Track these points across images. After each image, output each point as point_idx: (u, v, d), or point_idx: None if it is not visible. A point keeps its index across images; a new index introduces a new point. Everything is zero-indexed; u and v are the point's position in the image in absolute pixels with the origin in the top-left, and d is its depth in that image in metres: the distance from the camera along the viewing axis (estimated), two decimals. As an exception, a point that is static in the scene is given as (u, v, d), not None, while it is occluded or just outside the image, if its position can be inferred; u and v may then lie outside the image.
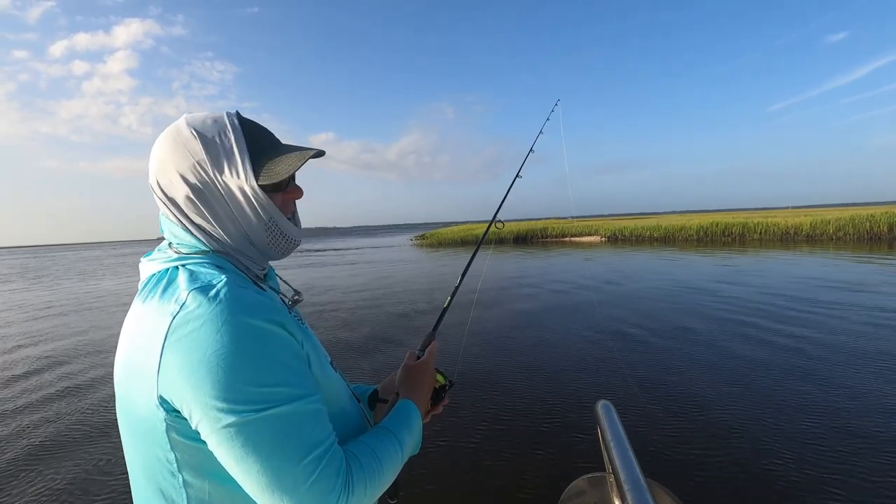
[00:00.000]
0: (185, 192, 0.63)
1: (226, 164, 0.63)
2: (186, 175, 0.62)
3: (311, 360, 0.63)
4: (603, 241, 24.91)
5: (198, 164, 0.62)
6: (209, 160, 0.62)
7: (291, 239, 0.71)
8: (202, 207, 0.64)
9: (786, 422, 3.05)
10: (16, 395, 4.31)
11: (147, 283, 0.61)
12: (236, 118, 0.66)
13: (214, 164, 0.63)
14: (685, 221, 25.68)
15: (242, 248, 0.67)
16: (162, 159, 0.63)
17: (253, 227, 0.66)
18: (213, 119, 0.65)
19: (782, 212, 38.48)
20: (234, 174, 0.63)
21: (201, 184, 0.63)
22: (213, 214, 0.64)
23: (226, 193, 0.64)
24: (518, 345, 5.27)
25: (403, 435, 0.71)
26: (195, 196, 0.63)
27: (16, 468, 2.92)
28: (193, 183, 0.63)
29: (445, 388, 0.93)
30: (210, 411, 0.52)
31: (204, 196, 0.63)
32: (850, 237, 19.38)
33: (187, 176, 0.62)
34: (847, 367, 4.00)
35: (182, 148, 0.62)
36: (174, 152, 0.62)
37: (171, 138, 0.63)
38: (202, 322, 0.53)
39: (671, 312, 6.45)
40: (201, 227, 0.65)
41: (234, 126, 0.65)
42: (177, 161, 0.62)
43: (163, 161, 0.63)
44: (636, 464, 0.75)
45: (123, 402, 0.61)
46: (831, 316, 5.83)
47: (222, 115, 0.66)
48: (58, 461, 2.98)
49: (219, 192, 0.64)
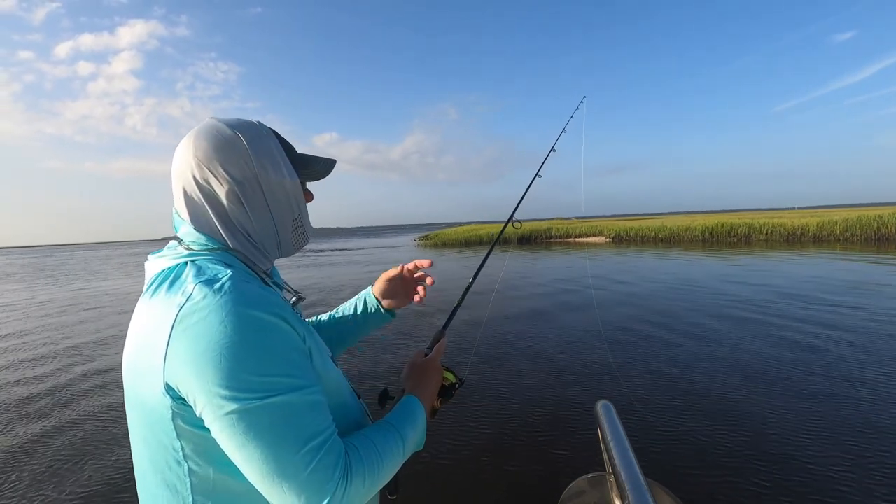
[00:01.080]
0: (230, 187, 0.67)
1: (270, 163, 0.70)
2: (232, 170, 0.67)
3: (312, 354, 0.65)
4: (608, 241, 24.82)
5: (245, 161, 0.68)
6: (255, 157, 0.68)
7: (307, 235, 0.78)
8: (243, 201, 0.68)
9: (789, 421, 3.03)
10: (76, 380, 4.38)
11: (155, 280, 0.63)
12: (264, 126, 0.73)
13: (260, 161, 0.69)
14: (690, 222, 25.54)
15: (265, 242, 0.72)
16: (200, 156, 0.66)
17: (284, 221, 0.73)
18: (248, 123, 0.71)
19: (788, 212, 38.18)
20: (278, 171, 0.71)
21: (247, 179, 0.68)
22: (251, 208, 0.69)
23: (267, 188, 0.70)
24: (518, 344, 5.26)
25: (406, 430, 0.72)
26: (239, 190, 0.67)
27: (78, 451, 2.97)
28: (239, 178, 0.67)
29: (455, 387, 0.93)
30: (213, 398, 0.53)
31: (246, 190, 0.68)
32: (857, 238, 19.19)
33: (233, 171, 0.67)
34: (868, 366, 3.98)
35: (228, 145, 0.67)
36: (219, 149, 0.67)
37: (209, 137, 0.67)
38: (207, 312, 0.55)
39: (682, 312, 6.42)
40: (232, 220, 0.69)
41: (268, 130, 0.72)
42: (222, 157, 0.67)
43: (202, 158, 0.66)
44: (636, 464, 0.76)
45: (132, 394, 0.62)
46: (854, 316, 5.77)
47: (253, 121, 0.72)
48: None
49: (261, 187, 0.69)
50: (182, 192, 0.68)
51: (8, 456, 3.11)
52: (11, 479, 2.80)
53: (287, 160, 0.73)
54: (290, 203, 0.73)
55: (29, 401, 4.18)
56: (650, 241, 23.44)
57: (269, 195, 0.70)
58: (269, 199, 0.70)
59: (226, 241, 0.68)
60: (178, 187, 0.68)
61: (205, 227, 0.68)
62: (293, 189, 0.73)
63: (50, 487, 2.69)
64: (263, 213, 0.70)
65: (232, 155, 0.67)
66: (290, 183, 0.72)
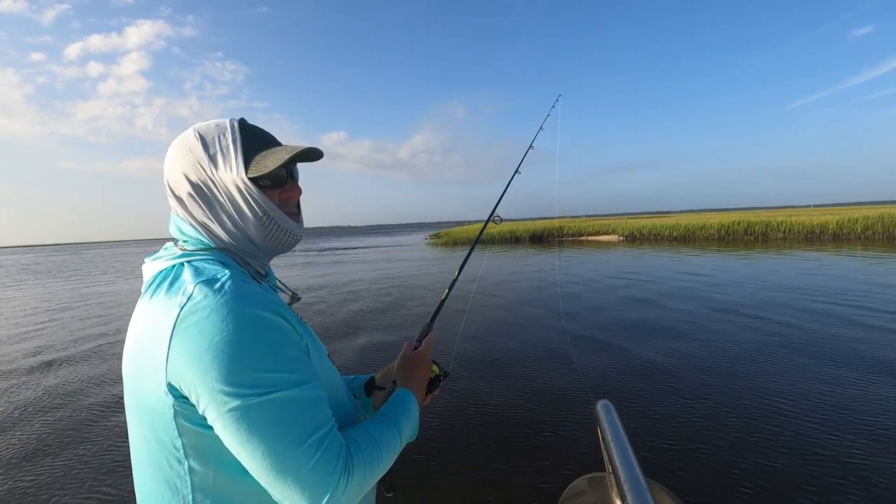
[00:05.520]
0: (188, 190, 0.68)
1: (221, 161, 0.68)
2: (189, 174, 0.68)
3: (310, 352, 0.66)
4: (621, 240, 24.56)
5: (198, 163, 0.68)
6: (207, 158, 0.68)
7: (289, 231, 0.73)
8: (202, 204, 0.69)
9: (791, 421, 2.97)
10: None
11: (153, 281, 0.64)
12: (237, 122, 0.72)
13: (211, 161, 0.68)
14: (705, 220, 25.12)
15: (243, 245, 0.71)
16: (170, 161, 0.70)
17: (249, 222, 0.70)
18: (216, 124, 0.71)
19: (805, 210, 37.34)
20: (227, 169, 0.68)
21: (201, 181, 0.68)
22: (212, 211, 0.69)
23: (222, 189, 0.69)
24: (519, 343, 5.24)
25: (401, 422, 0.74)
26: (196, 193, 0.68)
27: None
28: (194, 181, 0.68)
29: (440, 378, 0.95)
30: (216, 395, 0.54)
31: (203, 193, 0.69)
32: (879, 236, 18.69)
33: (189, 174, 0.68)
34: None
35: (185, 149, 0.68)
36: (179, 154, 0.69)
37: (178, 142, 0.70)
38: (209, 312, 0.56)
39: (684, 311, 6.34)
40: (204, 223, 0.70)
41: (232, 128, 0.70)
42: (181, 161, 0.68)
43: (171, 162, 0.70)
44: (636, 464, 0.75)
45: (132, 394, 0.63)
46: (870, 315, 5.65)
47: (225, 120, 0.72)
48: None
49: (216, 189, 0.69)
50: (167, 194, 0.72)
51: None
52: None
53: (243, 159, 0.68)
54: (251, 202, 0.69)
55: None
56: (664, 239, 23.14)
57: (226, 195, 0.68)
58: (228, 200, 0.68)
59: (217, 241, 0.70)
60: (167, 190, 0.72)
61: (196, 226, 0.70)
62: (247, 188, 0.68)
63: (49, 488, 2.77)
64: (226, 215, 0.69)
65: (186, 160, 0.68)
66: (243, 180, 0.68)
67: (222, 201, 0.69)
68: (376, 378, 0.98)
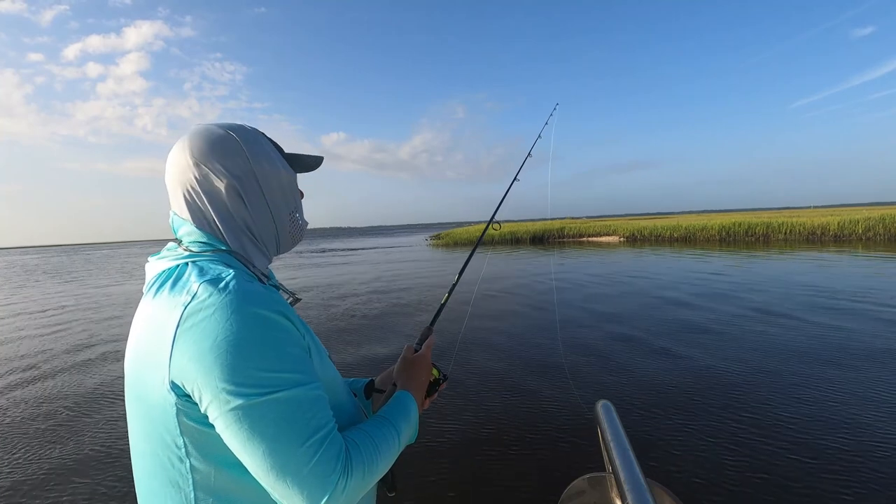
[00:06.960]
0: (228, 182, 0.69)
1: (264, 158, 0.73)
2: (229, 165, 0.69)
3: (311, 352, 0.66)
4: (622, 241, 24.52)
5: (240, 156, 0.70)
6: (250, 154, 0.71)
7: (302, 230, 0.82)
8: (242, 195, 0.71)
9: (791, 421, 2.97)
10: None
11: (156, 280, 0.64)
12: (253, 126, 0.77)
13: (254, 156, 0.72)
14: (706, 221, 25.10)
15: (264, 236, 0.75)
16: (197, 155, 0.69)
17: (281, 215, 0.76)
18: (237, 124, 0.75)
19: (805, 211, 37.26)
20: (272, 165, 0.74)
21: (244, 174, 0.71)
22: (250, 202, 0.72)
23: (263, 182, 0.73)
24: (520, 344, 5.23)
25: (401, 424, 0.74)
26: (238, 185, 0.70)
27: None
28: (237, 173, 0.70)
29: (439, 382, 0.95)
30: (219, 394, 0.54)
31: (245, 184, 0.71)
32: (880, 237, 18.64)
33: (230, 166, 0.69)
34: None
35: (223, 142, 0.70)
36: (215, 147, 0.69)
37: (204, 137, 0.70)
38: (213, 311, 0.56)
39: (686, 310, 6.34)
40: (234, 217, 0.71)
41: (256, 130, 0.76)
42: (219, 154, 0.69)
43: (199, 156, 0.69)
44: (636, 464, 0.75)
45: (134, 392, 0.64)
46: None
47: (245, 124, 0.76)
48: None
49: (258, 181, 0.72)
50: (181, 193, 0.69)
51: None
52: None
53: (279, 155, 0.77)
54: (286, 196, 0.77)
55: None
56: (665, 240, 23.11)
57: (266, 188, 0.73)
58: (267, 193, 0.73)
59: (226, 241, 0.70)
60: (176, 189, 0.70)
61: (206, 226, 0.70)
62: (288, 181, 0.77)
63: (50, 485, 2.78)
64: (262, 207, 0.73)
65: (228, 151, 0.69)
66: (285, 175, 0.76)
67: (261, 195, 0.72)
68: (376, 381, 0.98)
